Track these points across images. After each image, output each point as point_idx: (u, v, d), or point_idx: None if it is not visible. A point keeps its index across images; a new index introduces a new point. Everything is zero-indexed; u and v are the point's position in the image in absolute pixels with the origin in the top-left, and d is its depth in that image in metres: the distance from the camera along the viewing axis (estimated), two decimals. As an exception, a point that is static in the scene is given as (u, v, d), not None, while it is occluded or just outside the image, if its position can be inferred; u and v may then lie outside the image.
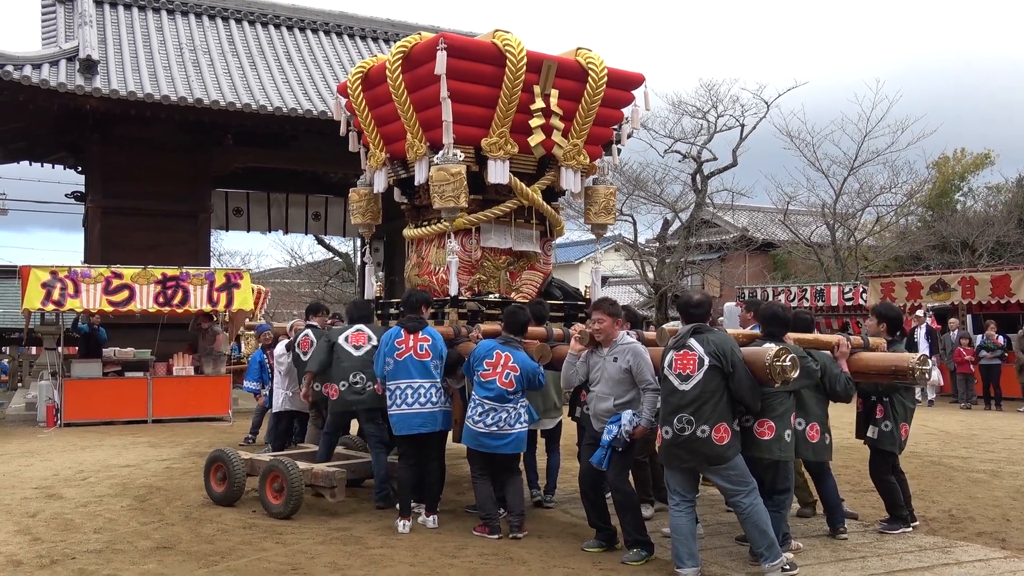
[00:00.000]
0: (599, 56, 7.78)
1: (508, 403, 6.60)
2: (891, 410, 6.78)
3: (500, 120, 7.34)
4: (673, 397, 5.56)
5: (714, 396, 5.46)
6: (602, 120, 7.97)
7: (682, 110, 28.26)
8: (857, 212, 29.13)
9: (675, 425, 5.50)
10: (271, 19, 20.76)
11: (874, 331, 7.08)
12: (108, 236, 17.33)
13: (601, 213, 8.23)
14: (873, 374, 6.37)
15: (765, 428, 5.81)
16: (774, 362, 5.41)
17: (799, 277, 29.54)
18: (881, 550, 6.27)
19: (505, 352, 6.63)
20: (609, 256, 42.25)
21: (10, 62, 15.19)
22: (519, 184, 7.60)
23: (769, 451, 5.82)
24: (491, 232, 7.80)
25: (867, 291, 20.04)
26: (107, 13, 18.93)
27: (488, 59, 7.26)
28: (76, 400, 13.81)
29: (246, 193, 20.99)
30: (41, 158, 20.82)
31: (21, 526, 6.96)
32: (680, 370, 5.55)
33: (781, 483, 6.01)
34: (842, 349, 6.31)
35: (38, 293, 13.21)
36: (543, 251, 8.21)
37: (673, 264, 28.67)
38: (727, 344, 5.56)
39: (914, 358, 6.05)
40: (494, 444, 6.62)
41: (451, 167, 7.16)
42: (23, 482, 8.87)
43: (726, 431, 5.47)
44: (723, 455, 5.47)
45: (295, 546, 6.35)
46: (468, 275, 7.73)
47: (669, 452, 5.59)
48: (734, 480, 5.56)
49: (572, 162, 7.78)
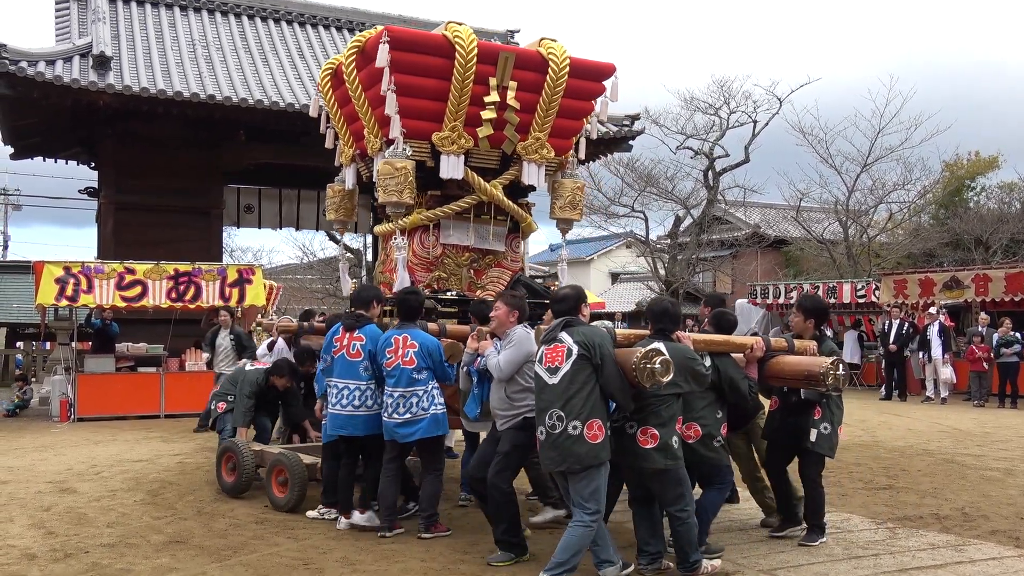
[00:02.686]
0: (561, 46, 7.42)
1: (416, 385, 6.43)
2: (828, 411, 6.24)
3: (452, 114, 7.10)
4: (544, 393, 5.30)
5: (584, 388, 5.18)
6: (569, 112, 7.62)
7: (694, 107, 28.31)
8: (870, 209, 29.05)
9: (547, 423, 5.23)
10: (283, 15, 20.78)
11: (800, 327, 6.51)
12: (121, 232, 17.38)
13: (566, 208, 7.94)
14: (788, 379, 6.07)
15: (648, 436, 5.39)
16: (642, 363, 5.12)
17: (811, 274, 29.45)
18: (894, 548, 6.24)
19: (403, 334, 6.53)
20: (620, 253, 42.32)
21: (24, 58, 15.26)
22: (476, 179, 7.36)
23: (654, 460, 5.38)
24: (451, 228, 7.59)
25: (879, 288, 19.95)
26: (120, 9, 18.98)
27: (438, 52, 7.02)
28: (89, 395, 13.90)
29: (258, 190, 20.98)
30: (55, 154, 20.89)
31: (35, 520, 7.01)
32: (550, 363, 5.30)
33: (673, 491, 5.44)
34: (754, 352, 6.01)
35: (52, 289, 13.29)
36: (511, 248, 7.96)
37: (685, 261, 28.64)
38: (596, 336, 5.32)
39: (826, 362, 5.77)
40: (406, 432, 6.44)
41: (396, 161, 6.98)
42: (37, 476, 8.92)
43: (600, 429, 5.16)
44: (596, 454, 5.15)
45: (307, 541, 6.37)
46: (426, 272, 7.53)
47: (544, 455, 5.33)
48: (585, 496, 5.20)
49: (534, 156, 7.50)
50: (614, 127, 20.37)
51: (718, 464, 5.93)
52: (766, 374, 6.08)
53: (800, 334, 6.47)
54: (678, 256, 28.83)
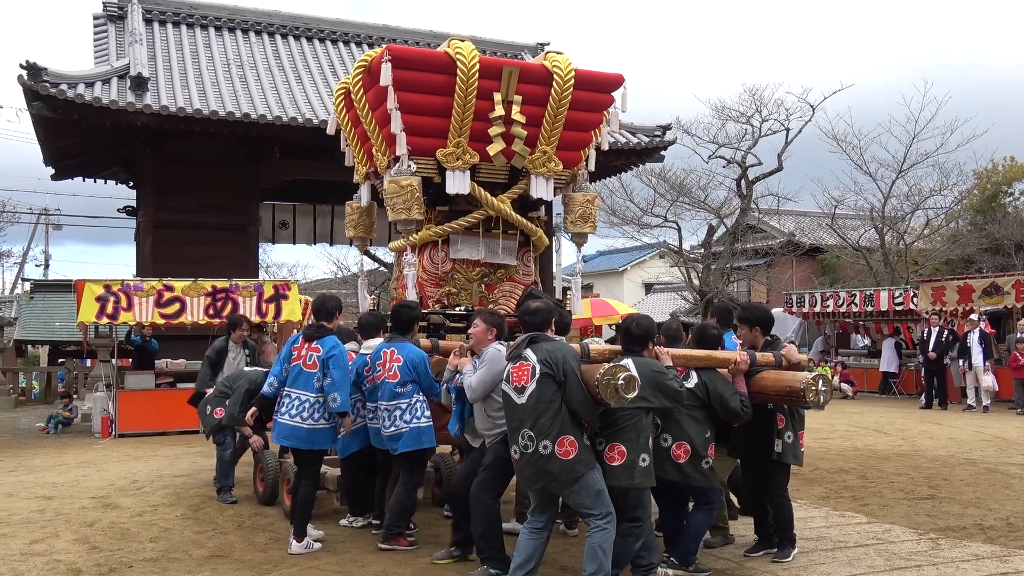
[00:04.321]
0: (566, 59, 7.41)
1: (400, 399, 6.50)
2: (790, 419, 6.09)
3: (456, 130, 7.11)
4: (514, 413, 5.24)
5: (551, 407, 5.10)
6: (577, 125, 7.57)
7: (726, 116, 28.08)
8: (906, 215, 28.70)
9: (520, 443, 5.18)
10: (315, 33, 21.05)
11: (749, 339, 6.37)
12: (159, 249, 17.64)
13: (578, 222, 7.84)
14: (771, 395, 5.92)
15: (615, 453, 5.31)
16: (604, 379, 5.02)
17: (848, 282, 29.15)
18: (937, 559, 6.16)
19: (391, 348, 6.60)
20: (654, 263, 42.17)
21: (64, 81, 15.58)
22: (483, 194, 7.36)
23: (618, 478, 5.29)
24: (461, 243, 7.57)
25: (917, 295, 19.71)
26: (156, 31, 19.33)
27: (440, 68, 7.04)
28: (130, 411, 14.09)
29: (292, 206, 21.23)
30: (95, 174, 21.27)
31: (80, 535, 7.12)
32: (516, 382, 5.23)
33: (632, 511, 5.40)
34: (738, 366, 5.89)
35: (92, 307, 13.49)
36: (523, 262, 7.93)
37: (719, 270, 28.46)
38: (559, 352, 5.24)
39: (807, 377, 5.65)
40: (394, 445, 6.53)
41: (402, 179, 7.00)
42: (81, 492, 9.07)
43: (572, 444, 5.08)
44: (572, 470, 5.08)
45: (346, 555, 6.41)
46: (436, 287, 7.52)
47: (521, 473, 5.32)
48: (587, 505, 5.20)
49: (542, 169, 7.45)
50: (645, 138, 20.38)
51: (705, 487, 5.84)
52: (752, 390, 5.92)
53: (753, 346, 6.32)
54: (712, 265, 28.65)
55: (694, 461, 5.74)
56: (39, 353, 30.77)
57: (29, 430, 15.80)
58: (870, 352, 22.96)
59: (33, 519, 7.76)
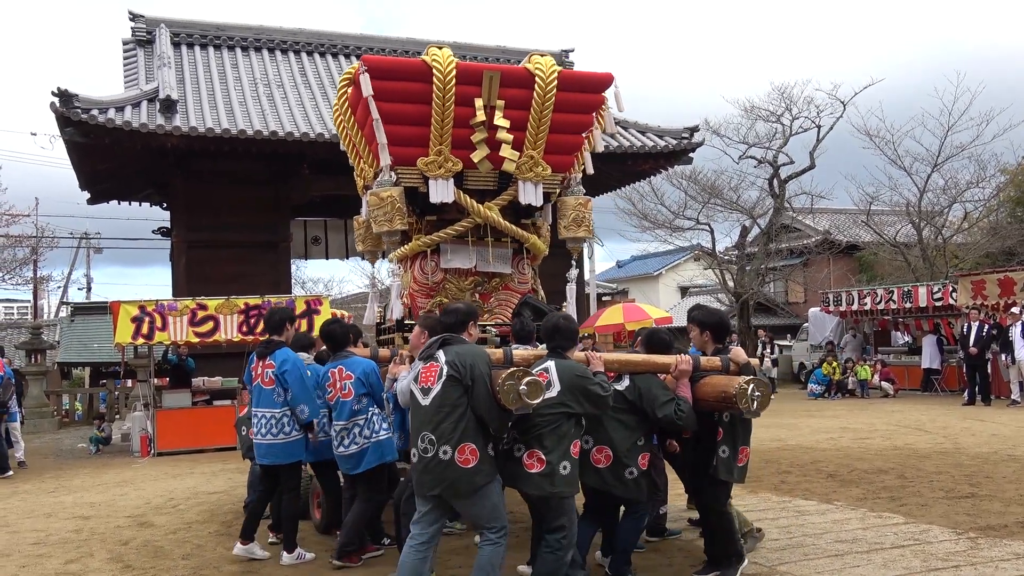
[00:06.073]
0: (549, 60, 7.21)
1: (358, 415, 6.43)
2: (729, 433, 5.62)
3: (436, 138, 6.97)
4: (417, 414, 5.02)
5: (454, 412, 4.85)
6: (565, 127, 7.34)
7: (755, 115, 27.87)
8: (943, 209, 28.25)
9: (419, 446, 4.93)
10: (340, 49, 21.24)
11: (700, 343, 6.04)
12: (193, 269, 17.87)
13: (571, 226, 7.52)
14: (711, 402, 5.55)
15: (534, 460, 5.07)
16: (505, 384, 4.79)
17: (886, 279, 28.73)
18: (975, 559, 6.02)
19: (337, 366, 6.55)
20: (688, 266, 41.91)
21: (95, 106, 15.86)
22: (470, 202, 7.15)
23: (540, 487, 5.06)
24: (452, 253, 7.39)
25: (956, 290, 19.37)
26: (184, 53, 19.63)
27: (418, 77, 6.90)
28: (168, 430, 14.27)
29: (324, 221, 21.38)
30: (129, 197, 21.63)
31: (114, 554, 7.19)
32: (423, 383, 5.00)
33: (553, 520, 5.14)
34: (680, 368, 5.57)
35: (128, 328, 13.69)
36: (517, 270, 7.72)
37: (754, 271, 28.20)
38: (469, 355, 4.97)
39: (741, 382, 5.29)
40: (350, 465, 6.47)
41: (381, 191, 6.91)
42: (117, 511, 9.17)
43: (473, 453, 4.84)
44: (471, 480, 4.84)
45: (377, 567, 6.41)
46: (427, 298, 7.34)
47: (419, 479, 5.00)
48: (482, 516, 4.97)
49: (530, 174, 7.23)
50: (673, 140, 20.28)
51: (629, 498, 5.62)
52: (695, 396, 5.59)
53: (702, 349, 6.04)
54: (746, 267, 28.39)
55: (615, 468, 5.48)
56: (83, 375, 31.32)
57: (71, 451, 16.06)
58: (910, 349, 22.61)
59: (70, 539, 7.86)
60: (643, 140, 20.10)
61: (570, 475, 5.12)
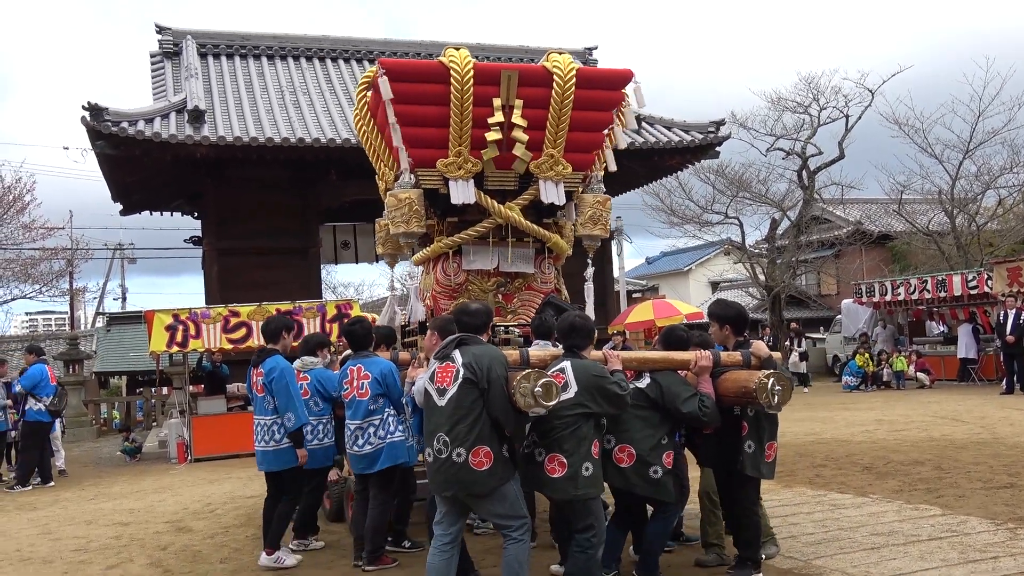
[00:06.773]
0: (567, 58, 7.15)
1: (373, 415, 6.45)
2: (754, 427, 5.56)
3: (455, 139, 6.95)
4: (432, 415, 5.00)
5: (470, 414, 4.83)
6: (585, 125, 7.28)
7: (782, 107, 27.67)
8: (977, 196, 27.88)
9: (434, 447, 4.93)
10: (364, 55, 21.34)
11: (720, 338, 5.95)
12: (225, 276, 18.05)
13: (588, 224, 7.43)
14: (732, 397, 5.51)
15: (555, 464, 5.04)
16: (520, 386, 4.76)
17: (919, 268, 28.40)
18: (1014, 549, 5.95)
19: (356, 365, 6.55)
20: (719, 261, 41.65)
21: (125, 119, 16.08)
22: (490, 202, 7.13)
23: (564, 491, 5.06)
24: (474, 254, 7.36)
25: (992, 278, 19.11)
26: (211, 63, 19.83)
27: (436, 78, 6.87)
28: (204, 436, 14.42)
29: (353, 226, 21.50)
30: (161, 207, 21.88)
31: (153, 559, 7.30)
32: (439, 383, 4.98)
33: (580, 521, 5.13)
34: (700, 364, 5.52)
35: (163, 336, 13.87)
36: (540, 269, 7.68)
37: (784, 264, 27.98)
38: (486, 357, 4.94)
39: (761, 376, 5.23)
40: (364, 465, 6.48)
41: (400, 193, 6.92)
42: (156, 517, 9.30)
43: (487, 456, 4.81)
44: (484, 483, 4.82)
45: (411, 568, 6.44)
46: (450, 300, 7.31)
47: (433, 478, 5.01)
48: (501, 515, 4.98)
49: (550, 173, 7.19)
50: (699, 135, 20.19)
51: (656, 499, 5.57)
52: (717, 392, 5.55)
53: (724, 344, 5.94)
54: (777, 260, 28.17)
55: (639, 468, 5.43)
56: (120, 384, 31.76)
57: (110, 458, 16.29)
58: (946, 339, 22.34)
59: (110, 545, 7.99)
60: (668, 135, 20.03)
61: (593, 476, 5.10)
